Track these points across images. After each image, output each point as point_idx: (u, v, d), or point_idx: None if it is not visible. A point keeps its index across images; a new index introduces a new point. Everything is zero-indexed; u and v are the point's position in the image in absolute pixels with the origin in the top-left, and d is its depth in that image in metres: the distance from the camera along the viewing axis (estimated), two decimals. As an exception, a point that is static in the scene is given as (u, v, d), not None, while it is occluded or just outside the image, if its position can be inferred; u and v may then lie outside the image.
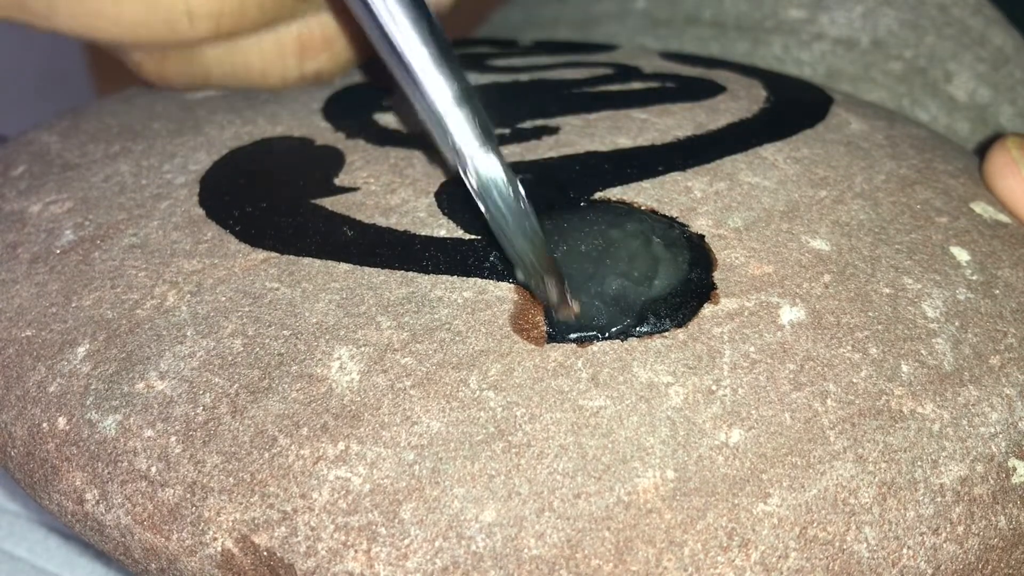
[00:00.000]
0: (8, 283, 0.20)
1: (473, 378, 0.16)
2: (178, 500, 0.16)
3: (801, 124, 0.23)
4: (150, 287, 0.19)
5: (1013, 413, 0.17)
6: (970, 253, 0.20)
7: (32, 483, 0.18)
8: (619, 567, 0.15)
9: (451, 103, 0.16)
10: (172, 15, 0.21)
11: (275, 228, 0.19)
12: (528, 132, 0.22)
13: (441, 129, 0.17)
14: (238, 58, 0.23)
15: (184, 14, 0.20)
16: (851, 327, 0.18)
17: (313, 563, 0.15)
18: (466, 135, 0.16)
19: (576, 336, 0.17)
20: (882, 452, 0.16)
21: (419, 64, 0.16)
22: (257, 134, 0.23)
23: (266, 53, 0.23)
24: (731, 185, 0.20)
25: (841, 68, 0.34)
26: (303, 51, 0.23)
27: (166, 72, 0.23)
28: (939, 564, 0.16)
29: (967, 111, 0.33)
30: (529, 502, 0.15)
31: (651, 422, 0.16)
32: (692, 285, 0.18)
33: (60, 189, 0.22)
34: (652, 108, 0.23)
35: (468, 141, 0.16)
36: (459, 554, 0.15)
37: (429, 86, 0.16)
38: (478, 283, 0.18)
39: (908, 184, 0.22)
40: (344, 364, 0.17)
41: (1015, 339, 0.18)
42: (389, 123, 0.23)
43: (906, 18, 0.34)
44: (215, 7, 0.21)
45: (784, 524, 0.15)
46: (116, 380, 0.17)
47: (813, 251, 0.19)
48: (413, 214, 0.19)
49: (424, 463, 0.16)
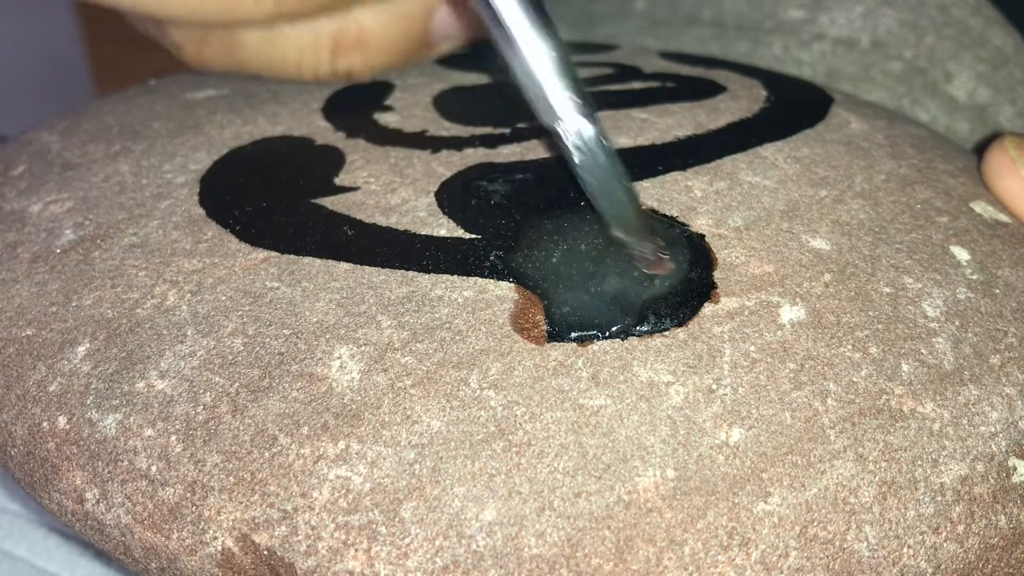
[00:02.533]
0: (8, 282, 0.20)
1: (473, 377, 0.16)
2: (178, 499, 0.16)
3: (801, 124, 0.23)
4: (150, 286, 0.19)
5: (1013, 412, 0.17)
6: (970, 252, 0.20)
7: (32, 482, 0.18)
8: (619, 566, 0.15)
9: (551, 69, 0.17)
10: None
11: (275, 227, 0.19)
12: (528, 132, 0.22)
13: (541, 94, 0.17)
14: (276, 48, 0.23)
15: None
16: (851, 326, 0.18)
17: (313, 562, 0.15)
18: (565, 98, 0.17)
19: (576, 335, 0.17)
20: (882, 451, 0.16)
21: (520, 31, 0.17)
22: (257, 134, 0.23)
23: (303, 46, 0.23)
24: (731, 184, 0.20)
25: (841, 68, 0.34)
26: (337, 48, 0.24)
27: (205, 56, 0.24)
28: (939, 563, 0.16)
29: (967, 111, 0.33)
30: (529, 501, 0.15)
31: (651, 421, 0.16)
32: (692, 284, 0.18)
33: (60, 189, 0.22)
34: (652, 108, 0.23)
35: (567, 104, 0.17)
36: (459, 553, 0.15)
37: (529, 54, 0.17)
38: (478, 282, 0.18)
39: (908, 184, 0.22)
40: (344, 363, 0.17)
41: (1015, 338, 0.18)
42: (389, 123, 0.23)
43: (906, 18, 0.34)
44: None
45: (784, 523, 0.15)
46: (116, 379, 0.17)
47: (813, 250, 0.19)
48: (413, 213, 0.19)
49: (424, 462, 0.16)
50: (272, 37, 0.23)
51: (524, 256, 0.18)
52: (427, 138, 0.22)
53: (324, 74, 0.24)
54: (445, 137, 0.22)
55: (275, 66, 0.24)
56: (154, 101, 0.25)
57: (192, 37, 0.24)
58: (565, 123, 0.17)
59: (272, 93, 0.24)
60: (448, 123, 0.23)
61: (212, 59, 0.24)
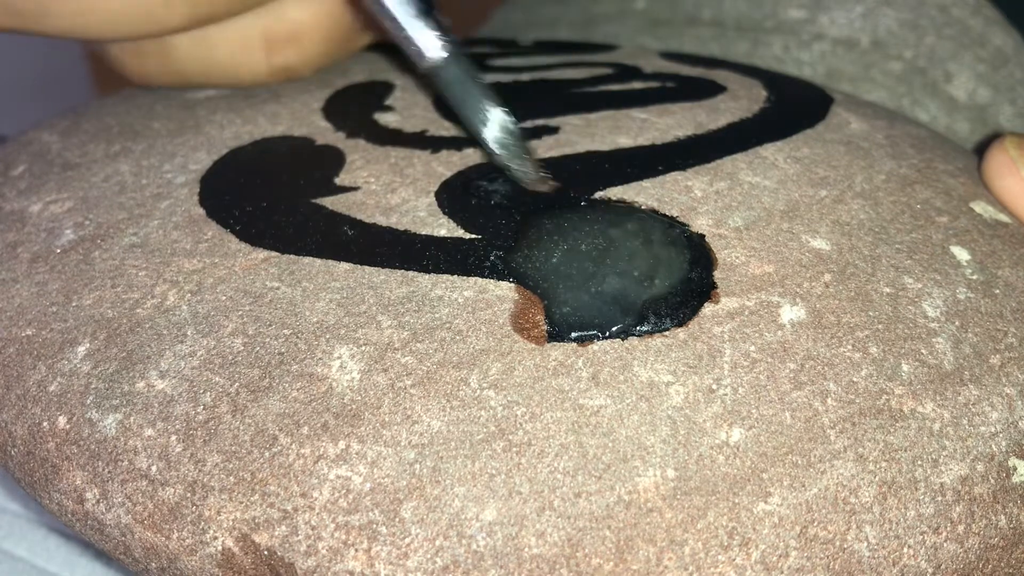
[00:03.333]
0: (8, 282, 0.20)
1: (474, 377, 0.16)
2: (178, 499, 0.16)
3: (801, 124, 0.23)
4: (150, 286, 0.19)
5: (1013, 412, 0.17)
6: (970, 253, 0.20)
7: (32, 482, 0.18)
8: (620, 566, 0.15)
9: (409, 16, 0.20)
10: (151, 4, 0.21)
11: (275, 227, 0.19)
12: (528, 132, 0.22)
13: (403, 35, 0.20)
14: (207, 52, 0.23)
15: (162, 2, 0.21)
16: (851, 326, 0.18)
17: (313, 562, 0.15)
18: (418, 25, 0.20)
19: (576, 335, 0.17)
20: (882, 451, 0.16)
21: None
22: (257, 134, 0.23)
23: (233, 47, 0.23)
24: (731, 185, 0.20)
25: (841, 68, 0.34)
26: (269, 45, 0.24)
27: (146, 70, 0.24)
28: (939, 563, 0.16)
29: (967, 111, 0.33)
30: (530, 501, 0.15)
31: (652, 421, 0.16)
32: (692, 284, 0.18)
33: (60, 189, 0.22)
34: (652, 108, 0.23)
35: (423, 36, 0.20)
36: (460, 553, 0.15)
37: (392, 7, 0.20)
38: (478, 282, 0.18)
39: (908, 184, 0.22)
40: (344, 363, 0.17)
41: (1015, 338, 0.18)
42: (389, 123, 0.23)
43: (906, 18, 0.34)
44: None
45: (784, 523, 0.15)
46: (116, 379, 0.17)
47: (813, 250, 0.19)
48: (413, 213, 0.19)
49: (425, 462, 0.16)
50: (201, 40, 0.23)
51: (524, 256, 0.18)
52: (427, 138, 0.22)
53: (262, 74, 0.24)
54: (445, 137, 0.22)
55: (211, 71, 0.24)
56: (154, 101, 0.25)
57: (128, 51, 0.24)
58: (419, 45, 0.20)
59: (272, 93, 0.24)
60: (448, 123, 0.23)
61: (152, 72, 0.24)
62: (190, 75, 0.24)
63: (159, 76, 0.24)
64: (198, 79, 0.24)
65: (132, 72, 0.24)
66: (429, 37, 0.20)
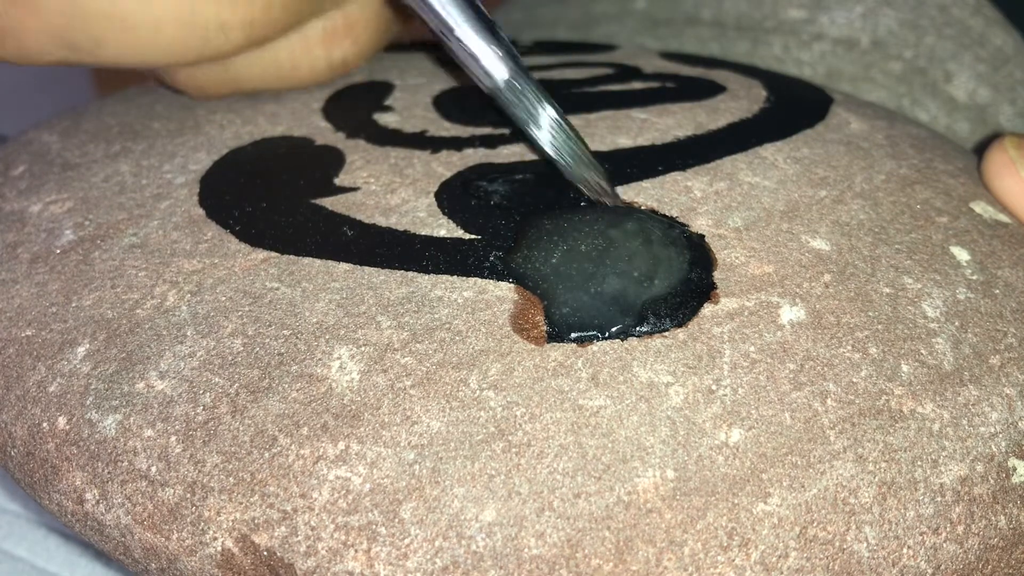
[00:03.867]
0: (8, 283, 0.20)
1: (473, 378, 0.16)
2: (178, 500, 0.16)
3: (801, 124, 0.23)
4: (150, 287, 0.19)
5: (1013, 413, 0.17)
6: (970, 253, 0.20)
7: (32, 483, 0.18)
8: (619, 567, 0.15)
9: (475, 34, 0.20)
10: (207, 32, 0.21)
11: (275, 228, 0.19)
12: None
13: (469, 54, 0.20)
14: (268, 58, 0.23)
15: (218, 28, 0.21)
16: (851, 327, 0.18)
17: (313, 563, 0.15)
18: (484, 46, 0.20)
19: (576, 336, 0.17)
20: (882, 452, 0.16)
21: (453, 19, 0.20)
22: (257, 134, 0.23)
23: (295, 49, 0.23)
24: (731, 185, 0.20)
25: (841, 68, 0.34)
26: (328, 40, 0.24)
27: (201, 83, 0.24)
28: (939, 564, 0.16)
29: (967, 111, 0.33)
30: (529, 502, 0.15)
31: (651, 422, 0.16)
32: (692, 285, 0.18)
33: (60, 189, 0.22)
34: (652, 108, 0.23)
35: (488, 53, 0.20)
36: (459, 553, 0.15)
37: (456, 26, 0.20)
38: (478, 283, 0.18)
39: (908, 184, 0.22)
40: (344, 364, 0.17)
41: (1015, 339, 0.18)
42: (389, 123, 0.23)
43: (906, 18, 0.34)
44: (245, 15, 0.21)
45: (784, 524, 0.15)
46: (116, 380, 0.17)
47: (813, 251, 0.19)
48: (413, 214, 0.19)
49: (424, 463, 0.16)
50: (263, 48, 0.23)
51: (524, 257, 0.18)
52: (427, 138, 0.22)
53: (322, 70, 0.24)
54: (445, 137, 0.22)
55: (270, 74, 0.24)
56: (154, 101, 0.25)
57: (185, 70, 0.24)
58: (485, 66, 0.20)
59: (272, 93, 0.24)
60: (448, 123, 0.23)
61: (210, 85, 0.24)
62: (245, 82, 0.24)
63: (216, 87, 0.24)
64: (254, 85, 0.24)
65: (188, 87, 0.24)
66: (494, 59, 0.20)
